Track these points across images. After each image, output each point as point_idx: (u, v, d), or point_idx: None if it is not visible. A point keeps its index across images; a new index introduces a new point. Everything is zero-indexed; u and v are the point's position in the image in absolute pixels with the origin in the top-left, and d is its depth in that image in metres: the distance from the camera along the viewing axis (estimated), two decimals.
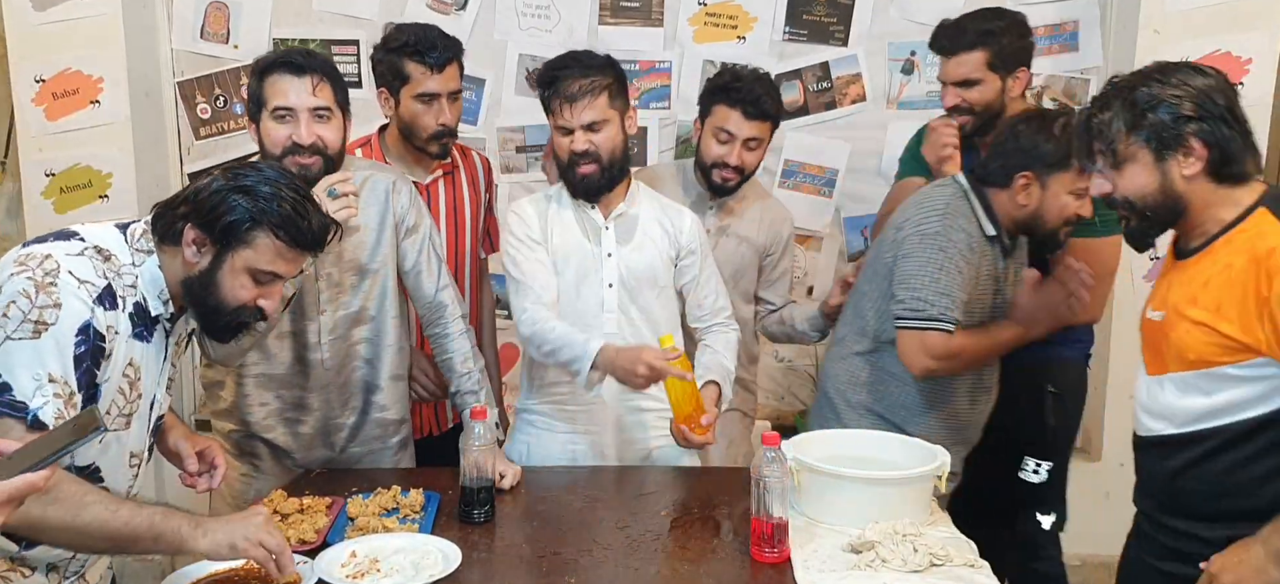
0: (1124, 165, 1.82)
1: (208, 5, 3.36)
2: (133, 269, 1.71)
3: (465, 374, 2.42)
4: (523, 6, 3.34)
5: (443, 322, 2.44)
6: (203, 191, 1.71)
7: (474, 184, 2.80)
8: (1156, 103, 1.77)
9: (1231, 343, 1.74)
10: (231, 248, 1.69)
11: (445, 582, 1.83)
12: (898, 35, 3.36)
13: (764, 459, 1.92)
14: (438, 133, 2.58)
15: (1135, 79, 1.81)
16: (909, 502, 2.06)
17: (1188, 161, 1.77)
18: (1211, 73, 1.79)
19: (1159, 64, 1.83)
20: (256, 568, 1.81)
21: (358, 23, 3.36)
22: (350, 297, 2.35)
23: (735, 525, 2.08)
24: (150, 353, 1.75)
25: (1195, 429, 1.82)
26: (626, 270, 2.40)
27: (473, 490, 2.10)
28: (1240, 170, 1.78)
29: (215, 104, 3.40)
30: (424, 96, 2.56)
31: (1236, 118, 1.77)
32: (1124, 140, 1.81)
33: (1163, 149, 1.78)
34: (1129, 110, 1.79)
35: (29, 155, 3.34)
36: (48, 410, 1.54)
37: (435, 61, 2.54)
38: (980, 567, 1.90)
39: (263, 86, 2.19)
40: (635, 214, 2.43)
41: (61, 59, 3.27)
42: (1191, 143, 1.76)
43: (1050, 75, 3.34)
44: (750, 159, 2.62)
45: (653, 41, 3.38)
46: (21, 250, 1.64)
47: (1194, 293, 1.80)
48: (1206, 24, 3.13)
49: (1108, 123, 1.82)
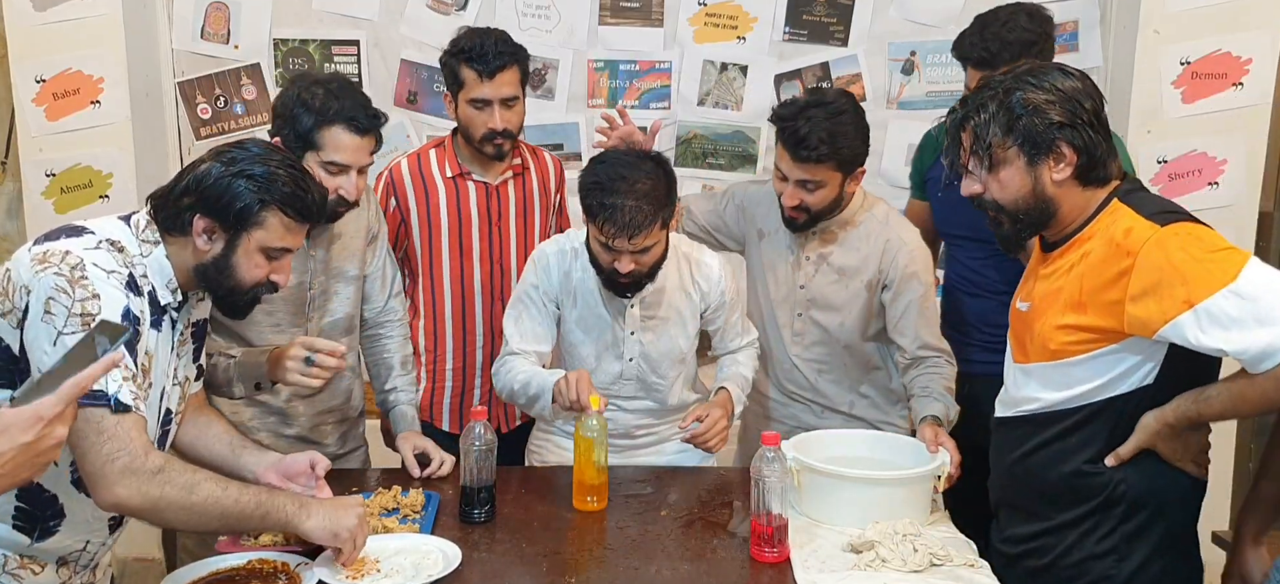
0: (998, 168, 1.83)
1: (208, 5, 3.36)
2: (142, 260, 1.74)
3: (401, 372, 2.50)
4: (523, 6, 3.34)
5: (388, 325, 2.52)
6: (205, 180, 1.73)
7: (544, 185, 2.80)
8: (1030, 108, 1.78)
9: (1090, 333, 1.78)
10: (244, 231, 1.75)
11: (445, 582, 1.83)
12: (898, 35, 3.36)
13: (764, 459, 1.92)
14: (488, 135, 2.57)
15: (1011, 82, 1.82)
16: (909, 502, 2.06)
17: (1058, 167, 1.79)
18: (1077, 75, 1.82)
19: (1032, 66, 1.86)
20: (257, 567, 1.83)
21: (358, 23, 3.36)
22: (336, 303, 2.38)
23: (735, 526, 2.08)
24: (161, 342, 1.77)
25: (1045, 411, 1.87)
26: (648, 346, 2.38)
27: (473, 490, 2.10)
28: (1104, 174, 1.81)
29: (215, 104, 3.40)
30: (476, 102, 2.56)
31: (1101, 122, 1.81)
32: (1000, 144, 1.81)
33: (1036, 153, 1.80)
34: (1005, 114, 1.80)
35: (29, 155, 3.33)
36: (125, 392, 1.61)
37: (487, 68, 2.53)
38: (980, 566, 1.90)
39: (319, 132, 2.16)
40: (661, 288, 2.36)
41: (62, 59, 3.27)
42: (1062, 148, 1.78)
43: None
44: (812, 200, 2.36)
45: (653, 41, 3.38)
46: (36, 247, 1.65)
47: (1058, 285, 1.84)
48: (1206, 24, 3.13)
49: (985, 125, 1.82)
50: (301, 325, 2.33)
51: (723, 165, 3.41)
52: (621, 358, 2.39)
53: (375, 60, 3.37)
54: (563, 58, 3.38)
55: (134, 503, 1.63)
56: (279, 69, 3.37)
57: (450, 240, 2.67)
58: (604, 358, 2.40)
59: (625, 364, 2.40)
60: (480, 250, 2.70)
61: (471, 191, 2.68)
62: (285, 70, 3.36)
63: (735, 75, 3.38)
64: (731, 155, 3.40)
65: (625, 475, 2.37)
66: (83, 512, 1.76)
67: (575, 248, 2.38)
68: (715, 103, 3.40)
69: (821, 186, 2.35)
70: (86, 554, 1.81)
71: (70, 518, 1.76)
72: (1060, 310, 1.83)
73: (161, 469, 1.64)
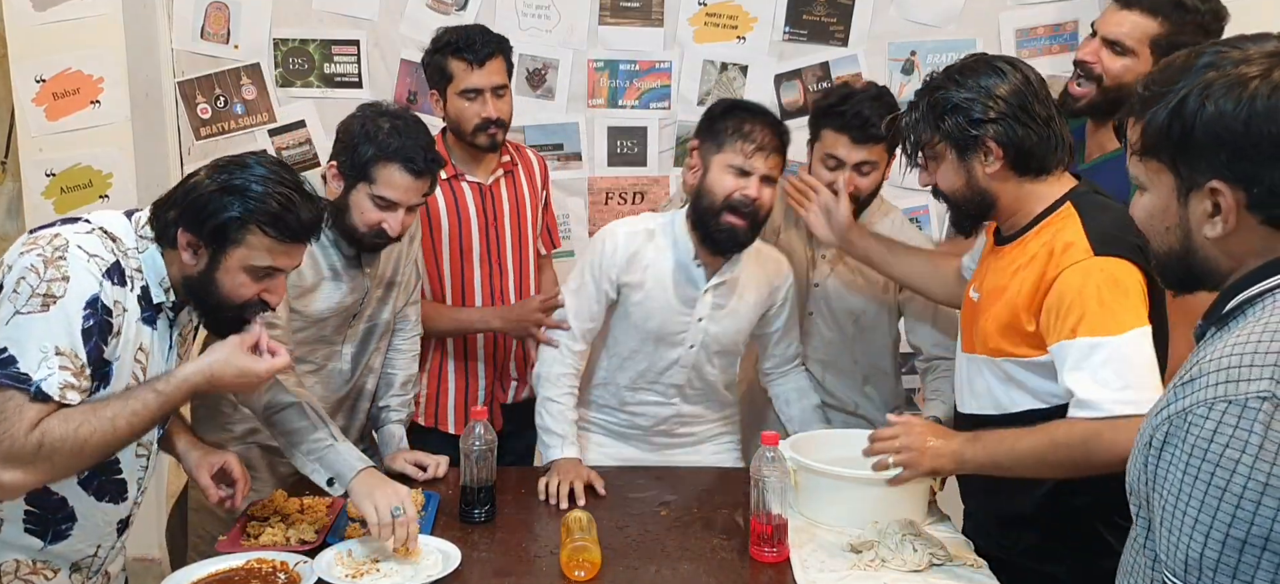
0: (934, 163, 1.91)
1: (208, 5, 3.35)
2: (137, 254, 1.72)
3: (400, 392, 2.49)
4: (523, 6, 3.34)
5: (402, 332, 2.51)
6: (192, 193, 1.70)
7: (532, 181, 2.81)
8: (952, 107, 1.84)
9: (1027, 335, 1.81)
10: (225, 249, 1.69)
11: (445, 582, 1.83)
12: (898, 35, 3.36)
13: (763, 459, 1.92)
14: (482, 123, 2.57)
15: (940, 81, 1.88)
16: (908, 502, 2.06)
17: (988, 161, 1.84)
18: (1008, 72, 1.84)
19: (962, 63, 1.90)
20: (257, 567, 1.83)
21: (358, 23, 3.36)
22: (377, 309, 2.39)
23: (735, 526, 2.08)
24: (157, 340, 1.76)
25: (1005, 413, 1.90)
26: (711, 337, 2.37)
27: (473, 490, 2.10)
28: (1043, 165, 1.85)
29: (215, 104, 3.40)
30: (468, 92, 2.56)
31: (1033, 115, 1.82)
32: (930, 141, 1.89)
33: (963, 150, 1.86)
34: (931, 112, 1.87)
35: (29, 155, 3.33)
36: (52, 382, 1.57)
37: (476, 56, 2.54)
38: (980, 566, 1.90)
39: (376, 166, 2.13)
40: (737, 277, 2.35)
41: (61, 59, 3.27)
42: (989, 144, 1.83)
43: (1050, 76, 3.32)
44: (866, 184, 2.39)
45: (653, 41, 3.37)
46: (31, 233, 1.66)
47: (1005, 281, 1.87)
48: None
49: (915, 123, 1.91)
50: (342, 332, 2.34)
51: None
52: (681, 344, 2.36)
53: (375, 60, 3.37)
54: (563, 58, 3.38)
55: (23, 484, 1.59)
56: (279, 69, 3.37)
57: (451, 243, 2.68)
58: (661, 346, 2.36)
59: (685, 351, 2.37)
60: (480, 251, 2.70)
61: (467, 192, 2.68)
62: (285, 70, 3.36)
63: (735, 75, 3.38)
64: None
65: (625, 475, 2.37)
66: (93, 515, 1.76)
67: (650, 230, 2.35)
68: None
69: (875, 169, 2.39)
70: (97, 559, 1.81)
71: (82, 522, 1.75)
72: (1002, 308, 1.86)
73: (40, 443, 1.56)
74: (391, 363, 2.50)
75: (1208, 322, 1.19)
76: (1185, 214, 1.16)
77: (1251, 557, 1.01)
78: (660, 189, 3.42)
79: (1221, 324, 1.16)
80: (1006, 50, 3.30)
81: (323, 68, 3.37)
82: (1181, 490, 1.06)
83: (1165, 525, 1.09)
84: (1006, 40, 3.33)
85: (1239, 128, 1.09)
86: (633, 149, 3.41)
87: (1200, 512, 1.04)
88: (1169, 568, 1.09)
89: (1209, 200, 1.13)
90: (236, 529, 1.99)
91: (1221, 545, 1.02)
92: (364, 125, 2.16)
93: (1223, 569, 1.03)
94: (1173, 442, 1.08)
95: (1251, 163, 1.10)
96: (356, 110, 2.23)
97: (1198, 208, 1.14)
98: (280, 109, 3.38)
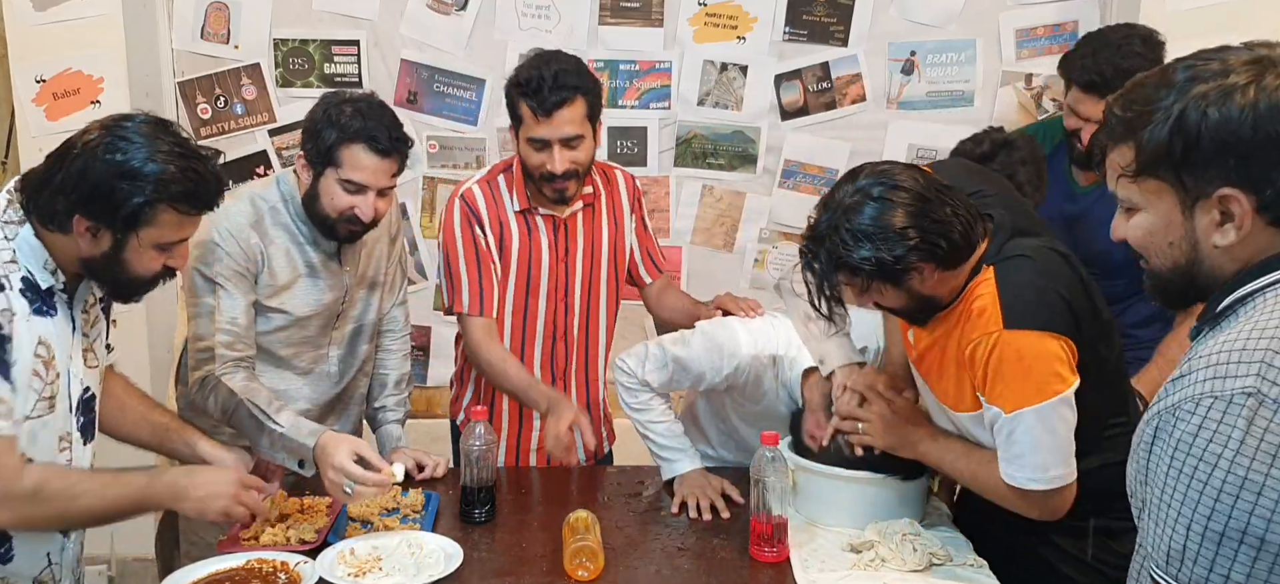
0: (868, 294, 1.80)
1: (208, 5, 3.35)
2: (7, 244, 1.65)
3: (395, 392, 2.48)
4: (523, 6, 3.34)
5: (390, 334, 2.50)
6: (84, 179, 1.61)
7: (616, 212, 2.56)
8: (867, 263, 1.72)
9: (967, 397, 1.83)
10: (134, 230, 1.65)
11: (445, 582, 1.83)
12: (898, 35, 3.36)
13: (763, 459, 1.92)
14: (546, 177, 2.33)
15: (831, 244, 1.74)
16: (908, 502, 2.06)
17: (921, 277, 1.76)
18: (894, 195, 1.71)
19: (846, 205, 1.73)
20: (257, 567, 1.83)
21: (358, 23, 3.36)
22: (362, 310, 2.38)
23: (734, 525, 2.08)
24: (56, 327, 1.70)
25: None
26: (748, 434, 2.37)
27: (473, 490, 2.10)
28: (971, 246, 1.78)
29: (215, 104, 3.40)
30: (534, 142, 2.31)
31: (940, 220, 1.72)
32: (852, 285, 1.79)
33: (895, 281, 1.75)
34: (849, 273, 1.76)
35: (29, 155, 3.33)
36: None
37: (540, 106, 2.26)
38: (980, 566, 1.90)
39: (340, 149, 2.12)
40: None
41: (61, 59, 3.27)
42: (916, 266, 1.73)
43: (1050, 76, 3.34)
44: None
45: (653, 41, 3.37)
46: None
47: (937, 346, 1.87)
48: (1206, 24, 3.13)
49: (823, 277, 1.77)
50: (328, 334, 2.34)
51: (723, 165, 3.41)
52: None
53: (375, 60, 3.37)
54: None
55: (14, 526, 1.63)
56: (279, 69, 3.37)
57: (518, 278, 2.47)
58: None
59: None
60: (548, 288, 2.50)
61: (541, 226, 2.47)
62: (285, 70, 3.36)
63: (735, 75, 3.38)
64: (731, 155, 3.40)
65: (625, 475, 2.37)
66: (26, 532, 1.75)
67: (774, 357, 2.24)
68: (715, 103, 3.39)
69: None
70: (54, 566, 1.80)
71: (18, 538, 1.73)
72: (939, 376, 1.89)
73: (37, 490, 1.61)
74: (383, 364, 2.50)
75: (1202, 322, 1.20)
76: (1192, 226, 1.16)
77: (1228, 550, 1.03)
78: (660, 189, 3.42)
79: (1214, 323, 1.17)
80: (1006, 50, 3.32)
81: (323, 68, 3.37)
82: (1166, 483, 1.08)
83: (1151, 517, 1.11)
84: (1006, 40, 3.33)
85: (1246, 132, 1.09)
86: (633, 149, 3.41)
87: (1182, 504, 1.06)
88: (1152, 559, 1.11)
89: (1217, 209, 1.13)
90: (236, 529, 1.99)
91: (1201, 538, 1.05)
92: (327, 111, 2.15)
93: (1201, 561, 1.05)
94: (1161, 436, 1.10)
95: (1260, 165, 1.10)
96: (319, 99, 2.22)
97: (1205, 218, 1.14)
98: (280, 109, 3.38)
